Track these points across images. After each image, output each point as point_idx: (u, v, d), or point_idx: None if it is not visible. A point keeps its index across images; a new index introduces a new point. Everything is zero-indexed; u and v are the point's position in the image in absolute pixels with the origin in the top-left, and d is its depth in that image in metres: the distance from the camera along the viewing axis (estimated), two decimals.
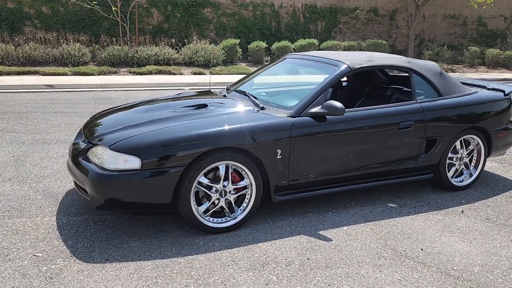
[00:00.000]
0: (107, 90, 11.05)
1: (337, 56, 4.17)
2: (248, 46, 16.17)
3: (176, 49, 15.36)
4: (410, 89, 4.22)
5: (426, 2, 17.44)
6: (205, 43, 15.46)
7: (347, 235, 3.47)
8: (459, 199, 4.25)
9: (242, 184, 3.42)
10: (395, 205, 4.06)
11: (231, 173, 3.37)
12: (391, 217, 3.82)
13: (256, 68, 15.45)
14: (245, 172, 3.40)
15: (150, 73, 13.76)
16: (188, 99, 4.19)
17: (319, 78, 4.05)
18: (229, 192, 3.39)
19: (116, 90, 11.11)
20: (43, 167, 4.80)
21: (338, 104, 3.49)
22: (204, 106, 3.74)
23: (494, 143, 4.49)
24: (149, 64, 14.27)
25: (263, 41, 16.33)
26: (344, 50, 17.09)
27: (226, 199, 3.39)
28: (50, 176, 4.54)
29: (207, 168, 3.25)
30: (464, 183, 4.46)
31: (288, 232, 3.49)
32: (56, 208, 3.79)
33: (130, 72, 13.74)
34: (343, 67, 3.87)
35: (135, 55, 14.17)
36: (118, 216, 3.65)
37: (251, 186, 3.44)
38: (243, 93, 4.08)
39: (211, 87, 5.18)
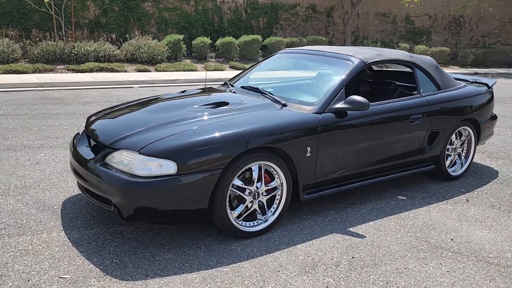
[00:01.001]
0: (49, 90, 10.20)
1: (344, 51, 4.15)
2: (192, 42, 15.82)
3: (117, 45, 14.59)
4: (414, 83, 4.33)
5: (361, 0, 18.19)
6: (147, 39, 14.85)
7: (377, 230, 3.47)
8: (458, 188, 4.45)
9: (273, 184, 3.29)
10: (405, 198, 4.15)
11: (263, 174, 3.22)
12: (407, 209, 3.89)
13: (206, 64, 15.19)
14: (276, 172, 3.27)
15: (91, 70, 12.95)
16: (201, 97, 3.94)
17: (327, 73, 4.02)
18: (262, 193, 3.24)
19: (60, 89, 10.31)
20: (20, 177, 4.28)
21: (361, 99, 3.47)
22: (225, 104, 3.53)
23: (482, 134, 4.76)
24: (88, 61, 13.43)
25: (206, 37, 16.05)
26: (287, 46, 17.33)
27: (259, 201, 3.24)
28: (34, 186, 4.06)
29: (242, 170, 3.07)
30: (457, 172, 4.68)
31: (319, 231, 3.41)
32: (59, 222, 3.39)
33: (68, 70, 12.83)
34: (357, 61, 3.86)
35: (72, 51, 13.26)
36: (135, 227, 3.35)
37: (282, 186, 3.32)
38: (254, 89, 3.92)
39: (198, 85, 4.91)
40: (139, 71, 13.80)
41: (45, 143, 5.49)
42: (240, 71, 4.87)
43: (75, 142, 3.54)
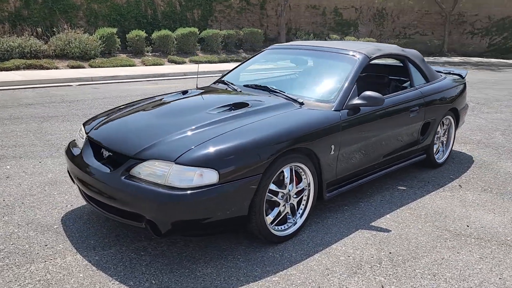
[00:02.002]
0: None
1: (342, 46, 4.14)
2: (127, 36, 15.05)
3: (43, 39, 13.45)
4: (404, 76, 4.44)
5: None
6: (78, 33, 13.86)
7: (397, 222, 3.53)
8: (447, 175, 4.67)
9: (301, 186, 3.20)
10: (405, 188, 4.27)
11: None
12: (412, 199, 4.00)
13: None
14: (305, 173, 3.18)
15: (17, 68, 11.85)
16: (213, 98, 3.70)
17: (333, 69, 3.99)
18: (292, 196, 3.14)
19: None
20: None
21: (377, 94, 3.47)
22: (245, 105, 3.33)
23: (460, 121, 5.04)
24: (13, 58, 12.28)
25: (141, 30, 15.37)
26: (224, 39, 17.12)
27: (290, 203, 3.14)
28: (18, 205, 3.59)
29: (277, 173, 2.94)
30: (441, 160, 4.91)
31: (344, 228, 3.39)
32: (68, 243, 3.02)
33: None
34: (362, 57, 3.86)
35: None
36: (157, 241, 3.08)
37: (309, 186, 3.24)
38: (262, 88, 3.77)
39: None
40: (72, 67, 12.87)
41: (6, 154, 4.89)
42: (234, 68, 4.65)
43: (79, 152, 3.15)
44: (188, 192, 2.57)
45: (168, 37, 15.61)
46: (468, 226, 3.52)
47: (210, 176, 2.62)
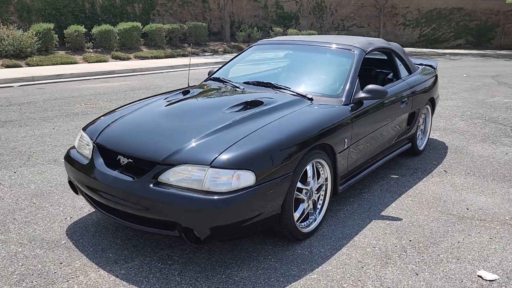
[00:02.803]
0: None
1: (336, 40, 4.18)
2: (65, 31, 14.19)
3: None
4: (389, 69, 4.58)
5: None
6: (10, 29, 12.85)
7: (404, 211, 3.64)
8: (430, 162, 4.90)
9: (320, 181, 3.20)
10: (398, 176, 4.42)
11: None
12: (408, 186, 4.15)
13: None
14: (323, 168, 3.18)
15: None
16: (221, 97, 3.56)
17: (332, 64, 4.01)
18: (314, 192, 3.13)
19: None
20: None
21: (380, 87, 3.55)
22: (260, 103, 3.24)
23: (435, 109, 5.30)
24: None
25: (79, 25, 14.56)
26: (168, 33, 16.69)
27: (312, 199, 3.13)
28: (11, 221, 3.28)
29: (304, 169, 2.92)
30: (422, 147, 5.14)
31: (359, 220, 3.44)
32: (85, 259, 2.80)
33: None
34: (359, 51, 3.91)
35: None
36: (181, 248, 2.95)
37: (327, 181, 3.25)
38: (264, 84, 3.71)
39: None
40: (8, 67, 11.95)
41: None
42: (222, 65, 4.52)
43: (87, 161, 2.91)
44: (228, 196, 2.47)
45: (110, 32, 14.92)
46: (467, 209, 3.71)
47: (247, 178, 2.54)
